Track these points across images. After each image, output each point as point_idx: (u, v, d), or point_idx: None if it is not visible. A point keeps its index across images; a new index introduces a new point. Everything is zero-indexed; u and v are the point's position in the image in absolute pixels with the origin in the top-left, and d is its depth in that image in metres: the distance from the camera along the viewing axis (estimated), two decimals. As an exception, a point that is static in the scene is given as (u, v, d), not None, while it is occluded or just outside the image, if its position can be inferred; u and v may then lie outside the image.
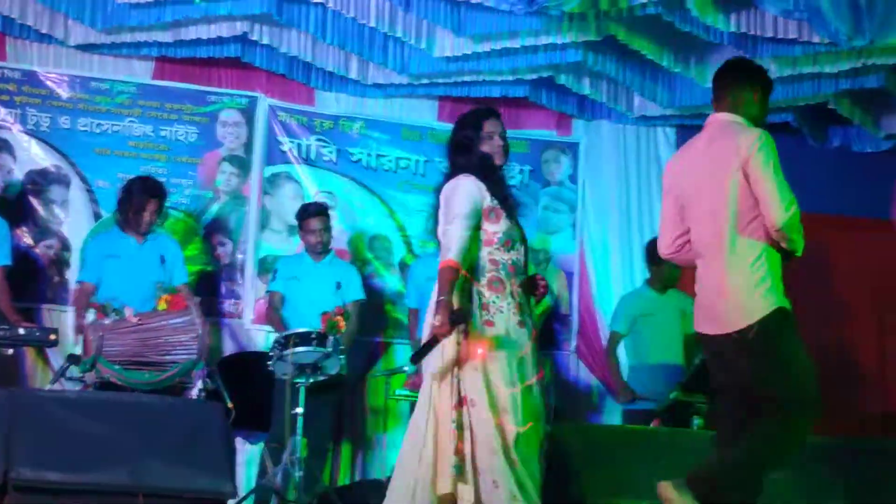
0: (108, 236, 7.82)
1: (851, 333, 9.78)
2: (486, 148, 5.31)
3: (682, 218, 5.26)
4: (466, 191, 5.17)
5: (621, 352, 8.52)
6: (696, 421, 7.40)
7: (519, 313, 5.08)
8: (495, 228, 5.16)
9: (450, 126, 8.91)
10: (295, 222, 8.45)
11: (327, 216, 8.12)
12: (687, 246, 5.28)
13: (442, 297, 4.88)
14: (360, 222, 9.14)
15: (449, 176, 5.33)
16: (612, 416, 9.21)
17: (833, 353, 9.35)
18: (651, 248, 8.37)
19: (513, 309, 5.08)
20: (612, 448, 6.44)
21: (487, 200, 5.17)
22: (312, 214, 8.05)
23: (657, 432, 7.27)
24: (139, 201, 7.58)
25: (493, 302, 5.06)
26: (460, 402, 4.94)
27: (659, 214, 9.10)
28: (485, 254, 5.14)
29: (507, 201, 5.23)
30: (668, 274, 8.23)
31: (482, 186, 5.18)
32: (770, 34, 7.57)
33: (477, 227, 5.13)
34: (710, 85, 8.16)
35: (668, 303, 8.32)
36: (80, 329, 7.18)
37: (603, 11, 7.45)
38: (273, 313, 8.07)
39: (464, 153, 5.34)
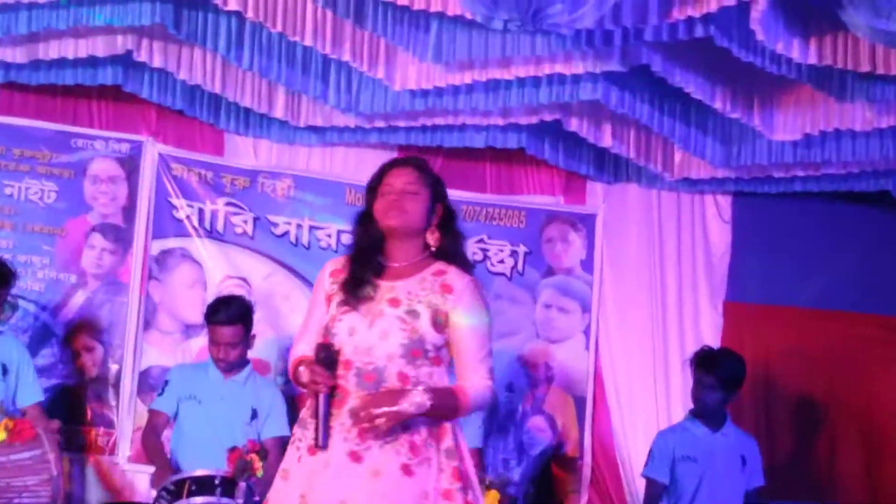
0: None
1: None
2: (377, 207, 5.44)
3: None
4: (315, 282, 5.60)
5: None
6: None
7: (312, 436, 5.20)
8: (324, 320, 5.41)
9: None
10: (193, 320, 8.47)
11: (246, 325, 8.09)
12: None
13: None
14: (286, 322, 9.16)
15: None
16: None
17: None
18: (702, 363, 8.41)
19: (306, 432, 5.26)
20: None
21: (327, 286, 5.45)
22: (223, 322, 8.01)
23: None
24: None
25: (306, 423, 5.29)
26: None
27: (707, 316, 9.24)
28: None
29: (360, 287, 5.34)
30: (696, 397, 8.31)
31: (331, 268, 5.49)
32: (865, 68, 7.62)
33: (321, 326, 5.39)
34: (781, 137, 8.42)
35: (723, 444, 8.35)
36: None
37: (632, 31, 7.48)
38: (151, 439, 8.05)
39: (354, 225, 5.56)
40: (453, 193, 9.24)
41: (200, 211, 9.19)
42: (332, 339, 5.20)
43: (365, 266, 5.32)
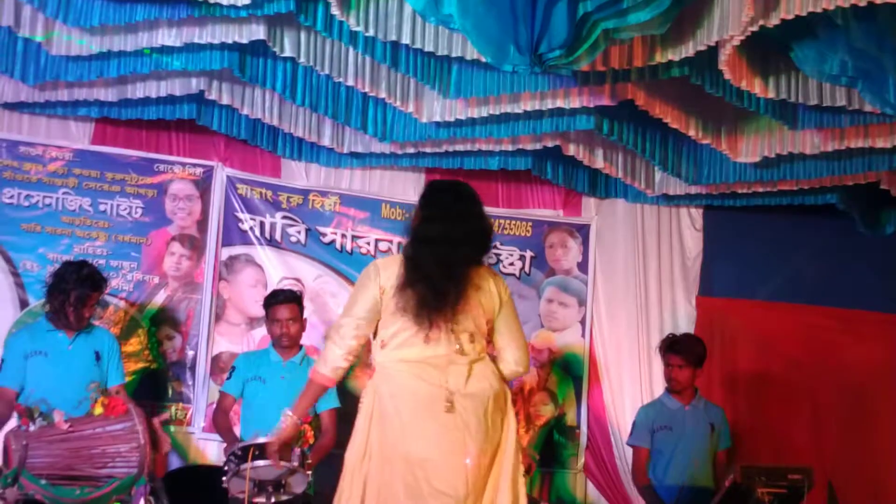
0: (33, 331, 7.72)
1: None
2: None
3: None
4: None
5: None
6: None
7: None
8: None
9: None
10: (255, 314, 8.46)
11: (300, 305, 8.12)
12: None
13: None
14: (333, 315, 9.12)
15: None
16: (627, 547, 9.22)
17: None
18: (664, 348, 8.42)
19: None
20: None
21: None
22: (281, 301, 8.04)
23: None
24: (76, 296, 7.51)
25: None
26: None
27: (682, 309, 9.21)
28: None
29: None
30: (669, 377, 8.33)
31: None
32: (814, 101, 7.58)
33: None
34: (743, 160, 8.40)
35: (694, 414, 8.34)
36: (-1, 438, 7.12)
37: (620, 72, 7.46)
38: (220, 418, 8.06)
39: None
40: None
41: (262, 223, 9.19)
42: None
43: None
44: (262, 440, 6.99)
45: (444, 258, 5.47)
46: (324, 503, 8.27)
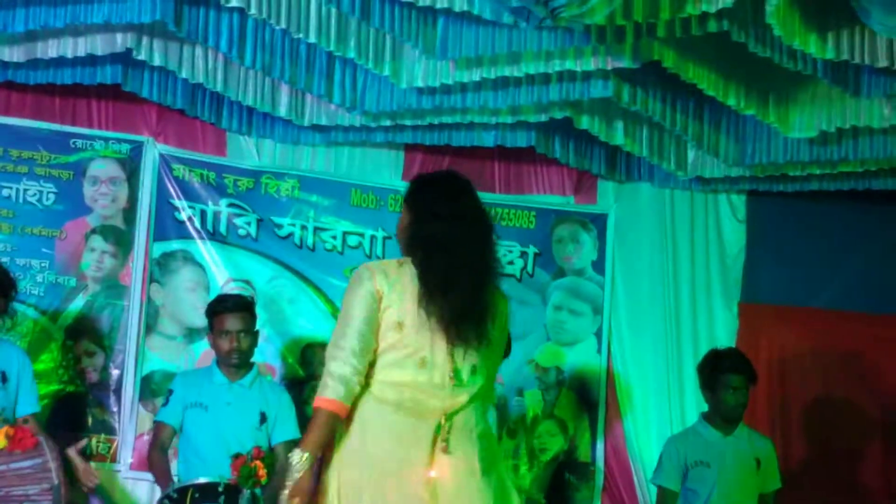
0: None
1: None
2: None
3: None
4: None
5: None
6: None
7: None
8: None
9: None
10: (196, 324, 8.47)
11: (252, 314, 8.13)
12: None
13: None
14: (292, 325, 9.19)
15: None
16: None
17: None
18: (707, 366, 8.43)
19: None
20: None
21: None
22: (231, 309, 8.02)
23: None
24: None
25: None
26: None
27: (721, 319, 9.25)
28: None
29: None
30: (730, 403, 8.31)
31: None
32: (883, 63, 7.61)
33: None
34: (796, 135, 8.42)
35: (737, 447, 8.36)
36: None
37: (644, 26, 7.45)
38: (157, 454, 8.03)
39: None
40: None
41: (203, 212, 9.21)
42: None
43: None
44: (202, 481, 7.03)
45: (470, 266, 5.58)
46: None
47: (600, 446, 9.62)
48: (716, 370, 8.39)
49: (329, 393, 5.46)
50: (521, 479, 9.27)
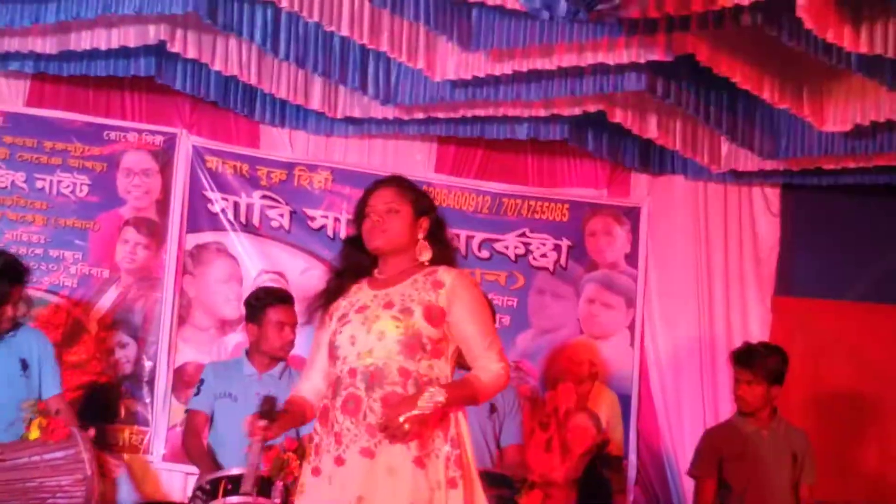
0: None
1: None
2: (363, 229, 5.58)
3: None
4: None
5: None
6: None
7: (336, 447, 5.26)
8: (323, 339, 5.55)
9: (453, 179, 9.10)
10: (228, 316, 8.50)
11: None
12: None
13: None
14: (323, 317, 9.20)
15: None
16: None
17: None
18: (738, 360, 8.44)
19: (330, 444, 5.30)
20: None
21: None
22: (284, 301, 7.95)
23: None
24: None
25: (323, 439, 5.37)
26: None
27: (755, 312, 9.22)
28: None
29: (331, 299, 5.53)
30: (737, 394, 8.34)
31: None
32: (920, 57, 7.65)
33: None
34: (831, 128, 8.42)
35: (773, 440, 8.35)
36: None
37: (677, 19, 7.48)
38: (192, 441, 8.02)
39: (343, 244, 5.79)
40: (494, 186, 9.40)
41: (236, 204, 9.25)
42: (338, 352, 5.34)
43: (339, 281, 5.54)
44: (235, 471, 7.04)
45: None
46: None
47: (633, 440, 9.62)
48: (742, 365, 8.41)
49: (484, 376, 5.38)
50: (554, 472, 9.28)
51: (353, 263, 5.55)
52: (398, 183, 5.65)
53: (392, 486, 5.14)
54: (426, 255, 5.49)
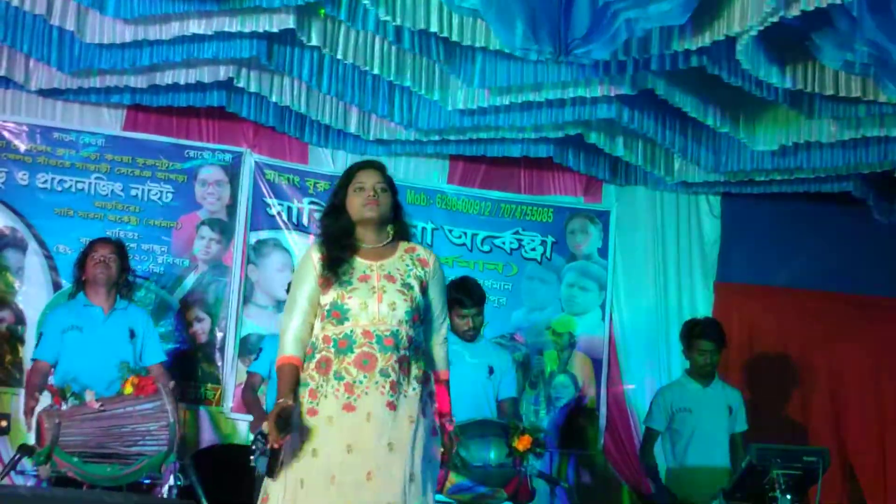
0: (71, 306, 7.72)
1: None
2: (352, 202, 5.35)
3: None
4: (298, 268, 5.44)
5: (658, 452, 8.50)
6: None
7: (347, 395, 5.12)
8: (325, 300, 5.27)
9: (461, 189, 9.06)
10: (283, 297, 8.45)
11: None
12: None
13: (280, 400, 5.10)
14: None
15: None
16: (645, 526, 9.23)
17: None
18: (687, 333, 8.43)
19: (338, 391, 5.14)
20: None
21: (318, 270, 5.28)
22: None
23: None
24: (89, 253, 7.61)
25: (320, 386, 5.16)
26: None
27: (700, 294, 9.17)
28: (318, 330, 5.28)
29: (340, 265, 5.28)
30: (700, 362, 8.32)
31: (316, 256, 5.31)
32: (830, 92, 7.58)
33: (312, 304, 5.30)
34: (761, 148, 8.39)
35: (713, 396, 8.34)
36: (31, 413, 7.08)
37: (640, 61, 7.46)
38: (250, 396, 8.06)
39: (325, 216, 5.47)
40: (493, 194, 9.41)
41: (289, 208, 9.22)
42: (347, 314, 5.17)
43: (342, 249, 5.27)
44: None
45: None
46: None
47: (604, 395, 9.59)
48: (692, 336, 8.40)
49: (442, 351, 5.51)
50: (540, 421, 9.25)
51: (342, 230, 5.31)
52: (383, 168, 5.47)
53: (413, 432, 5.10)
54: (393, 229, 5.39)
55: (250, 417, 8.28)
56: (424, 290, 5.32)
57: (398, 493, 4.98)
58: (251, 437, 7.52)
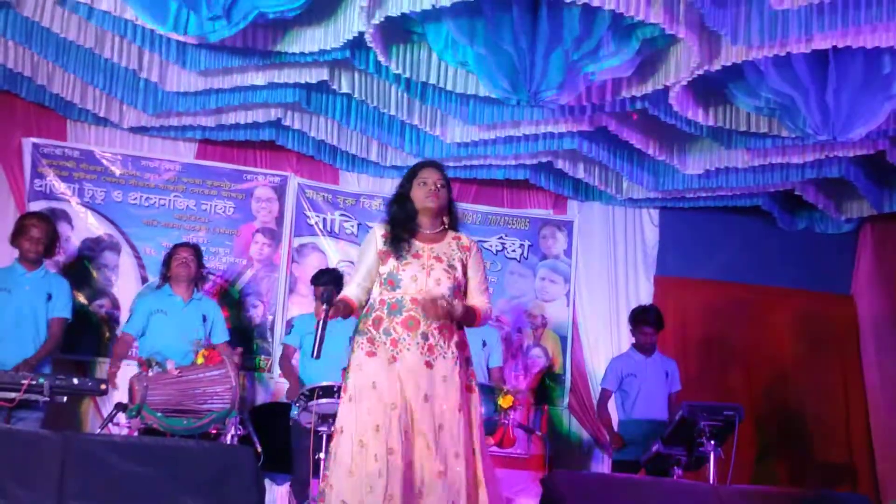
0: (158, 294, 7.82)
1: (821, 394, 9.86)
2: (416, 194, 5.31)
3: None
4: (364, 242, 5.38)
5: (611, 407, 8.52)
6: (677, 470, 7.39)
7: (392, 348, 5.08)
8: (382, 269, 5.22)
9: (457, 203, 9.02)
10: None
11: (339, 286, 7.80)
12: None
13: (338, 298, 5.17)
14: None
15: None
16: (601, 465, 9.21)
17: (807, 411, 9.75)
18: (633, 316, 8.46)
19: (386, 344, 5.10)
20: (601, 494, 6.44)
21: (380, 244, 5.24)
22: (324, 283, 7.68)
23: (642, 480, 7.26)
24: (173, 254, 7.71)
25: (376, 338, 5.11)
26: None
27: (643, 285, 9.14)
28: (376, 294, 5.23)
29: (400, 243, 5.21)
30: (642, 341, 8.36)
31: (380, 232, 5.28)
32: (744, 128, 7.62)
33: (369, 271, 5.25)
34: (689, 171, 8.39)
35: (654, 365, 8.37)
36: (114, 376, 7.19)
37: (596, 105, 7.50)
38: (285, 364, 8.02)
39: (393, 203, 5.40)
40: (483, 208, 9.38)
41: (324, 219, 9.22)
42: (400, 283, 5.13)
43: (404, 230, 5.23)
44: (325, 383, 7.01)
45: None
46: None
47: (569, 364, 9.58)
48: (637, 320, 8.43)
49: (480, 307, 5.31)
50: (519, 384, 9.24)
51: (406, 215, 5.27)
52: (442, 168, 5.46)
53: (445, 388, 5.07)
54: (447, 220, 5.36)
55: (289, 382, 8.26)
56: (465, 270, 5.25)
57: (430, 435, 4.97)
58: (291, 402, 7.52)
